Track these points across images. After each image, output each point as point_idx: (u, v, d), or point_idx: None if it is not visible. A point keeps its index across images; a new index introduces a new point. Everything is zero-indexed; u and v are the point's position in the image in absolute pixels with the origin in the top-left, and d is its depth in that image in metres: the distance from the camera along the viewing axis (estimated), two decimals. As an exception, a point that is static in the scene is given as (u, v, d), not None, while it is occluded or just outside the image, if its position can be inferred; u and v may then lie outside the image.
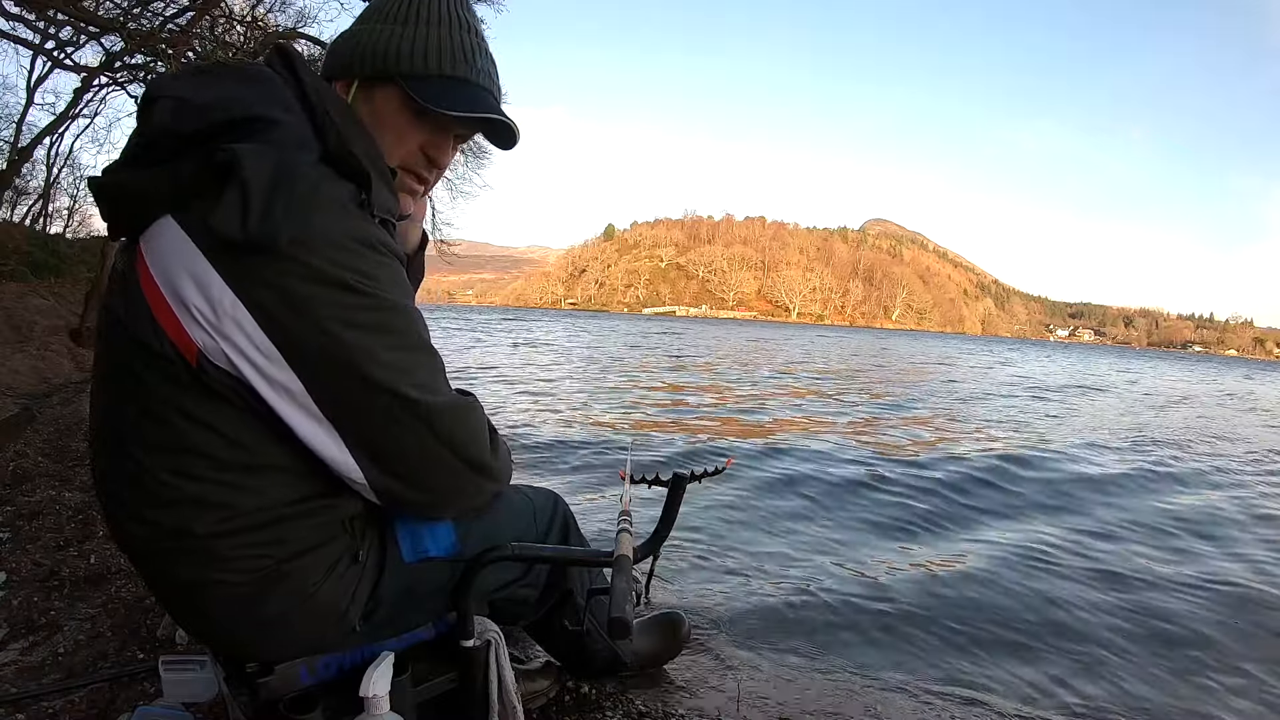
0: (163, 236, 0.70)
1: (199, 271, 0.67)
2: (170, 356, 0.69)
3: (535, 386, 8.54)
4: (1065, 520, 3.36)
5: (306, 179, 0.69)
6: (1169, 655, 1.98)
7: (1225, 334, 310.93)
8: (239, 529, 0.74)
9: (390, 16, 0.85)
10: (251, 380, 0.69)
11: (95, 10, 6.87)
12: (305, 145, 0.72)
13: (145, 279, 0.70)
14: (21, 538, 2.15)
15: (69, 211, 14.95)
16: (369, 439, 0.74)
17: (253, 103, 0.72)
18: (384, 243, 0.74)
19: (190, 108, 0.71)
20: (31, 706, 1.30)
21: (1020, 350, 52.72)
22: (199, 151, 0.69)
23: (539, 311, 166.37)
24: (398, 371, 0.73)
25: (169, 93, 0.73)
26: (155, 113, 0.72)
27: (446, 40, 0.85)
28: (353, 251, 0.70)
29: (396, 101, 0.84)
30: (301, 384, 0.70)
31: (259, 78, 0.77)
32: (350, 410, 0.72)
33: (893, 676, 1.72)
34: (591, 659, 1.33)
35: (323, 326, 0.69)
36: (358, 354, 0.70)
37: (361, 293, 0.70)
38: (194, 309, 0.67)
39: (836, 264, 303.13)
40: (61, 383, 5.59)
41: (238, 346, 0.68)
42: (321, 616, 0.82)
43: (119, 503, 0.77)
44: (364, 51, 0.84)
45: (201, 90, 0.73)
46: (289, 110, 0.74)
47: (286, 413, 0.71)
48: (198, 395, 0.70)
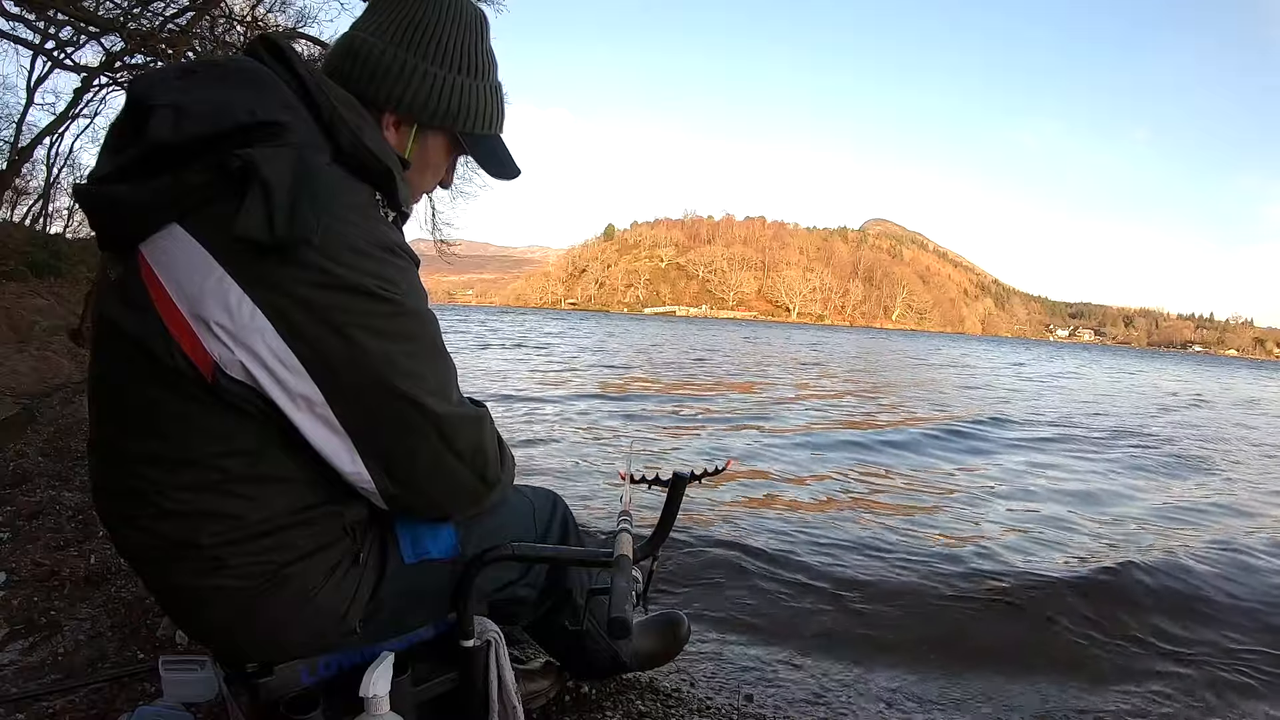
0: (172, 245, 0.67)
1: (216, 281, 0.66)
2: (185, 371, 0.67)
3: (554, 384, 8.54)
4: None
5: (325, 182, 0.68)
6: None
7: (1225, 334, 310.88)
8: (244, 538, 0.74)
9: (450, 62, 0.87)
10: (269, 391, 0.68)
11: (95, 10, 6.86)
12: (317, 147, 0.71)
13: (156, 291, 0.67)
14: (21, 538, 2.15)
15: (69, 211, 14.93)
16: (383, 448, 0.74)
17: (255, 106, 0.69)
18: (402, 247, 0.74)
19: (189, 116, 0.68)
20: (31, 706, 1.30)
21: (1029, 350, 52.18)
22: (206, 159, 0.67)
23: (548, 311, 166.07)
24: (416, 379, 0.72)
25: (164, 100, 0.69)
26: (153, 123, 0.68)
27: (496, 100, 0.92)
28: (374, 257, 0.69)
29: (445, 144, 0.91)
30: (322, 394, 0.69)
31: (256, 77, 0.73)
32: (368, 419, 0.72)
33: (893, 674, 1.72)
34: (591, 659, 1.33)
35: (346, 334, 0.68)
36: (381, 362, 0.70)
37: (383, 299, 0.70)
38: (213, 323, 0.66)
39: (836, 264, 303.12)
40: (61, 383, 5.58)
41: (258, 357, 0.67)
42: (322, 618, 0.82)
43: (119, 513, 0.76)
44: (434, 101, 0.86)
45: (197, 94, 0.70)
46: (292, 111, 0.72)
47: (302, 423, 0.70)
48: (209, 408, 0.69)
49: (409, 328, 0.73)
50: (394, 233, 0.74)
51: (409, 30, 0.85)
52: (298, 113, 0.72)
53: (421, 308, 0.75)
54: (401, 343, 0.72)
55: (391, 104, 0.85)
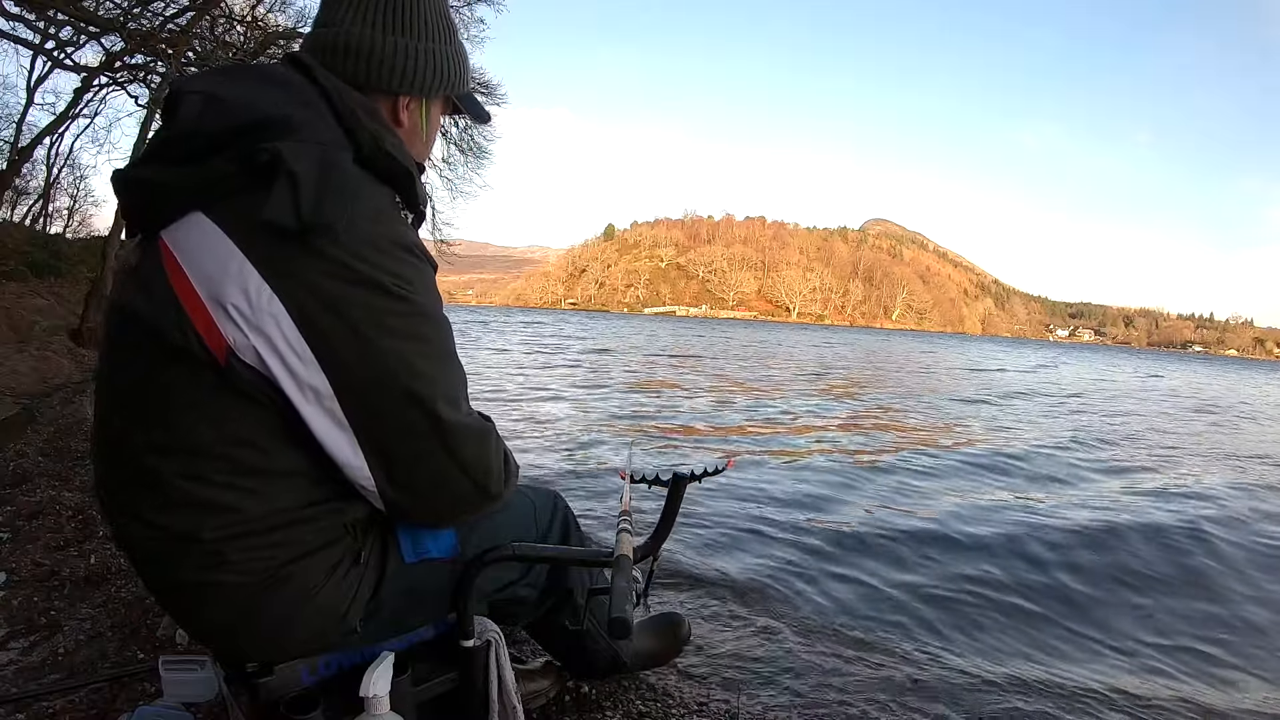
0: (195, 231, 0.69)
1: (236, 267, 0.67)
2: (197, 353, 0.68)
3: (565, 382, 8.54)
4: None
5: (350, 178, 0.69)
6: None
7: (1225, 334, 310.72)
8: (246, 533, 0.74)
9: (433, 33, 0.88)
10: (279, 379, 0.68)
11: (95, 10, 6.87)
12: (341, 146, 0.73)
13: (175, 274, 0.69)
14: (21, 538, 2.15)
15: (69, 211, 14.98)
16: (387, 448, 0.74)
17: (283, 102, 0.72)
18: (420, 247, 0.75)
19: (220, 104, 0.71)
20: (31, 706, 1.30)
21: (1039, 351, 51.79)
22: (234, 149, 0.69)
23: (548, 311, 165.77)
24: (427, 381, 0.73)
25: (198, 88, 0.73)
26: (183, 108, 0.72)
27: (466, 54, 0.94)
28: (393, 255, 0.70)
29: (441, 109, 0.96)
30: (330, 387, 0.69)
31: (285, 79, 0.77)
32: (374, 416, 0.72)
33: (893, 672, 1.72)
34: (591, 659, 1.34)
35: (359, 329, 0.69)
36: (392, 360, 0.70)
37: (399, 297, 0.70)
38: (229, 305, 0.66)
39: (836, 264, 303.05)
40: (61, 383, 5.58)
41: (271, 343, 0.67)
42: (322, 617, 0.82)
43: (122, 506, 0.76)
44: (434, 75, 0.88)
45: (230, 88, 0.73)
46: (317, 111, 0.75)
47: (309, 414, 0.70)
48: (221, 394, 0.69)
49: (423, 329, 0.73)
50: (413, 234, 0.76)
51: (390, 13, 0.85)
52: (322, 115, 0.75)
53: (437, 310, 0.76)
54: (415, 343, 0.72)
55: (405, 88, 0.87)
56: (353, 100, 0.78)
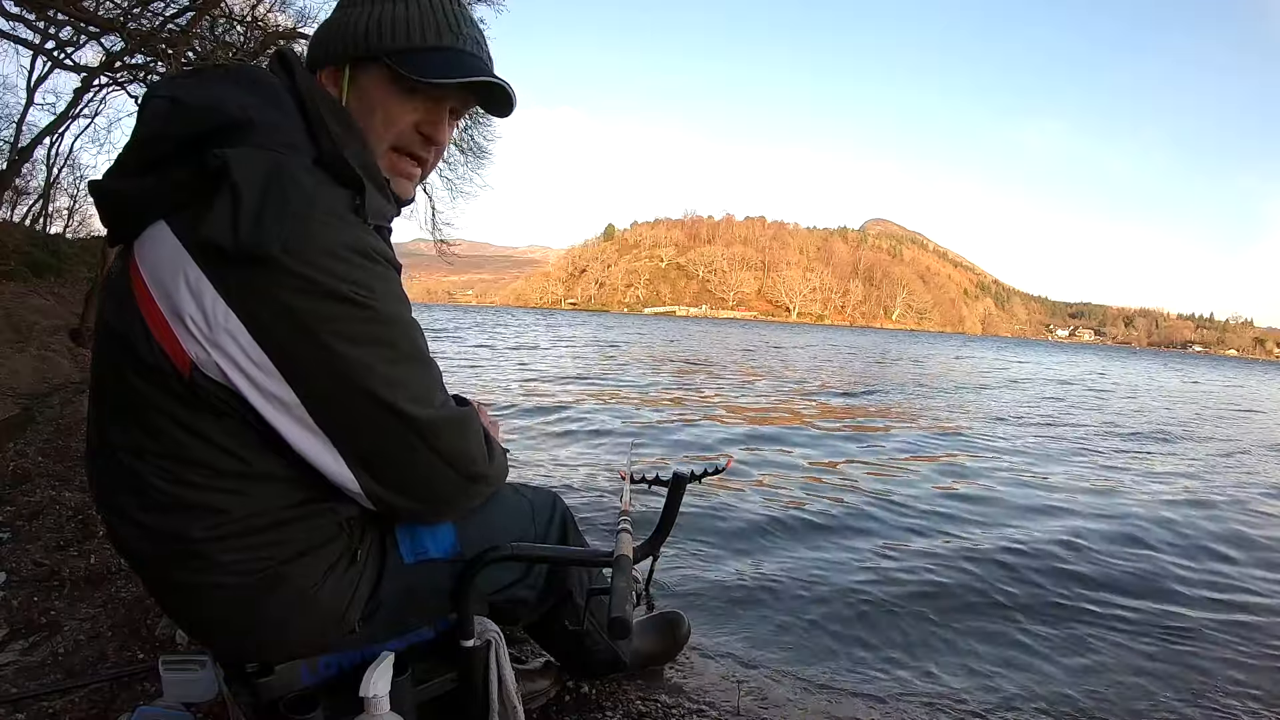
0: (156, 242, 0.68)
1: (193, 280, 0.66)
2: (164, 366, 0.68)
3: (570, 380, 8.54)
4: None
5: (301, 185, 0.67)
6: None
7: (1225, 334, 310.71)
8: (236, 533, 0.74)
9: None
10: (245, 392, 0.68)
11: (95, 10, 6.86)
12: (299, 148, 0.72)
13: (139, 287, 0.68)
14: (21, 538, 2.15)
15: (69, 211, 14.97)
16: (365, 452, 0.73)
17: (247, 105, 0.71)
18: (380, 252, 0.73)
19: (183, 108, 0.70)
20: (31, 706, 1.30)
21: (1066, 353, 50.09)
22: (193, 155, 0.67)
23: (548, 311, 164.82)
24: (395, 386, 0.72)
25: (163, 92, 0.72)
26: (148, 112, 0.71)
27: (429, 11, 0.81)
28: (349, 262, 0.68)
29: (385, 81, 0.81)
30: (296, 397, 0.69)
31: (257, 80, 0.76)
32: (346, 423, 0.72)
33: (892, 673, 1.72)
34: (591, 659, 1.34)
35: (319, 340, 0.67)
36: (355, 368, 0.69)
37: (359, 305, 0.69)
38: (188, 319, 0.66)
39: (836, 264, 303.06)
40: (61, 383, 5.58)
41: (231, 358, 0.66)
42: (321, 617, 0.82)
43: (114, 509, 0.77)
44: (348, 33, 0.81)
45: (195, 91, 0.72)
46: (284, 112, 0.73)
47: (281, 424, 0.70)
48: (191, 406, 0.69)
49: (385, 334, 0.72)
50: (372, 237, 0.73)
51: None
52: (289, 115, 0.74)
53: (399, 313, 0.74)
54: (377, 349, 0.71)
55: (324, 59, 0.83)
56: (322, 102, 0.77)
